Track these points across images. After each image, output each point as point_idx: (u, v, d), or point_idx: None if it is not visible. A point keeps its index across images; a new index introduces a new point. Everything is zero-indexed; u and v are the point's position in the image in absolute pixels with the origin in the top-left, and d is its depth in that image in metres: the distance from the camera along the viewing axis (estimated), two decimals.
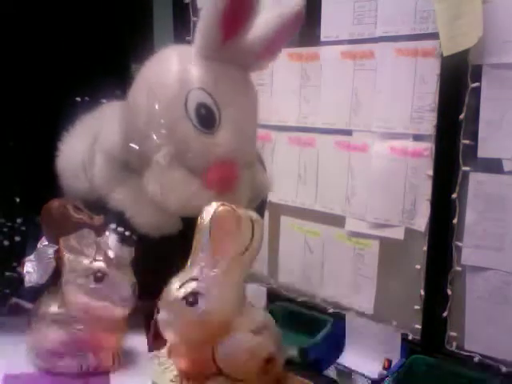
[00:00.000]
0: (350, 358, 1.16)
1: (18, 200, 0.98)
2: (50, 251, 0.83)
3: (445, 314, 1.08)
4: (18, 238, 0.96)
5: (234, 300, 0.74)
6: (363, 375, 1.05)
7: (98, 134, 0.96)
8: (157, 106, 0.85)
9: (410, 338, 1.13)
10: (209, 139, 0.85)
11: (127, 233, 0.88)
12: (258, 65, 0.94)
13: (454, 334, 1.08)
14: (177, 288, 0.72)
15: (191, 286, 0.72)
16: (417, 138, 1.10)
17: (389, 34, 1.11)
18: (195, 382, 0.76)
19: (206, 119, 0.85)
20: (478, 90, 0.99)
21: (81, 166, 0.96)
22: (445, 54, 0.98)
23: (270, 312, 0.92)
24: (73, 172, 0.97)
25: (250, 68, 0.93)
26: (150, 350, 0.90)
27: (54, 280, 0.84)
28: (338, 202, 1.24)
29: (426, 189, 1.08)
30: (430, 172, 1.07)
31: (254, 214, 0.75)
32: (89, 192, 0.95)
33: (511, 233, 0.99)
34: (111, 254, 0.82)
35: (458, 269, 1.06)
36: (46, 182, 0.90)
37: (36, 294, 0.87)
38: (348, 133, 1.21)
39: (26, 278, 0.83)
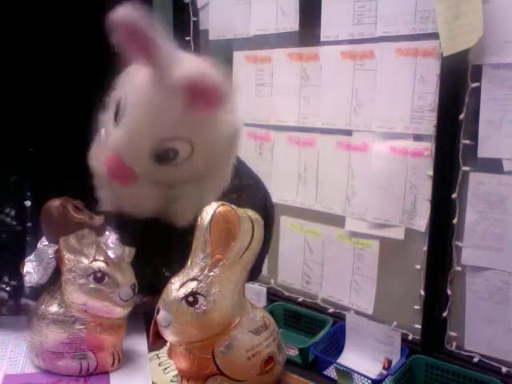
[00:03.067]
0: (350, 358, 1.16)
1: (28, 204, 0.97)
2: (50, 251, 0.83)
3: (445, 314, 1.08)
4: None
5: (234, 300, 0.74)
6: (363, 375, 1.05)
7: None
8: None
9: (410, 338, 1.14)
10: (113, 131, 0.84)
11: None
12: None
13: (453, 334, 1.08)
14: (177, 288, 0.72)
15: (191, 286, 0.72)
16: (417, 137, 1.10)
17: (389, 34, 1.11)
18: (195, 381, 0.76)
19: (116, 113, 0.84)
20: (478, 90, 0.99)
21: None
22: (445, 54, 0.98)
23: (269, 312, 0.92)
24: None
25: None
26: (150, 350, 0.90)
27: (54, 280, 0.83)
28: (338, 202, 1.24)
29: (425, 189, 1.08)
30: (430, 172, 1.07)
31: (253, 214, 0.75)
32: None
33: (511, 233, 0.99)
34: (111, 254, 0.82)
35: (458, 269, 1.06)
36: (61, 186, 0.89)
37: (36, 293, 0.87)
38: (348, 133, 1.21)
39: (26, 278, 0.83)
